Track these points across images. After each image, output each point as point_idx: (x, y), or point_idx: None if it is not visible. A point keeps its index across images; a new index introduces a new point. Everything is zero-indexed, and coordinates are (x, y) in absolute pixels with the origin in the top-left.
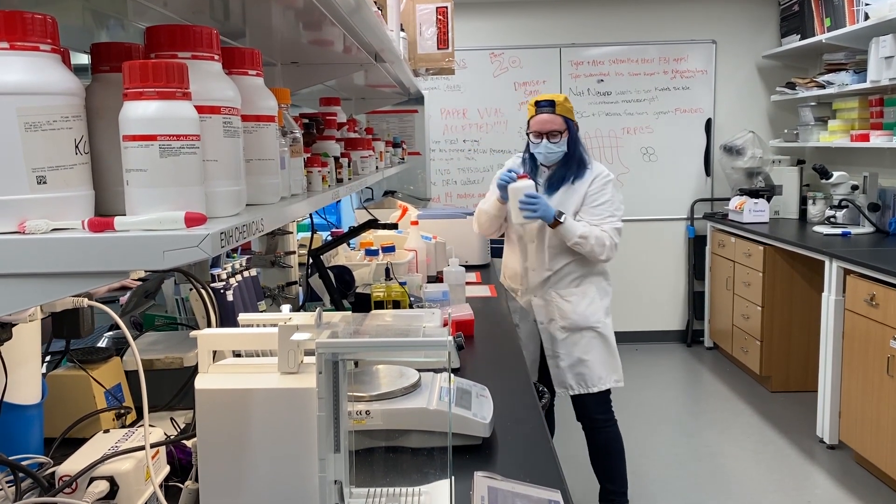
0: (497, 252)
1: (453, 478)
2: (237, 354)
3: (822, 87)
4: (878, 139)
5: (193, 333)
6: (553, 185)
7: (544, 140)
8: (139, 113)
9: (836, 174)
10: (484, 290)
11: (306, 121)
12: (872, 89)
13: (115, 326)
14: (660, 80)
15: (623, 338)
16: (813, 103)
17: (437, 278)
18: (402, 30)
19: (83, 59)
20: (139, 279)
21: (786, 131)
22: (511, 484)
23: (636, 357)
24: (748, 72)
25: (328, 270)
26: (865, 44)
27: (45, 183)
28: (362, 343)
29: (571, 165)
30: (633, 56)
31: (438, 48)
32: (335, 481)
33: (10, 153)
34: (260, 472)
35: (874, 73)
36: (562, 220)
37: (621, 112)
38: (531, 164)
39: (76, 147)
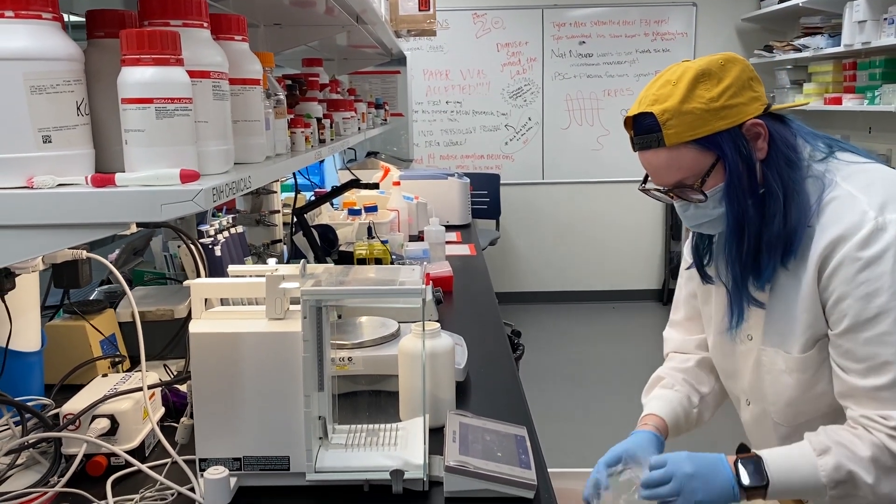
0: (478, 213)
1: (427, 415)
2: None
3: (799, 50)
4: (850, 102)
5: (187, 282)
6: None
7: (676, 199)
8: (136, 78)
9: None
10: (464, 249)
11: (289, 82)
12: (846, 53)
13: (107, 281)
14: (641, 43)
15: (601, 296)
16: (789, 66)
17: (418, 237)
18: None
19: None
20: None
21: None
22: (481, 421)
23: (613, 315)
24: (728, 35)
25: (312, 229)
26: (841, 7)
27: (50, 142)
28: (343, 291)
29: (762, 234)
30: (614, 18)
31: (420, 9)
32: (319, 417)
33: (17, 114)
34: (250, 409)
35: (848, 36)
36: (762, 482)
37: (602, 74)
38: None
39: (77, 109)
